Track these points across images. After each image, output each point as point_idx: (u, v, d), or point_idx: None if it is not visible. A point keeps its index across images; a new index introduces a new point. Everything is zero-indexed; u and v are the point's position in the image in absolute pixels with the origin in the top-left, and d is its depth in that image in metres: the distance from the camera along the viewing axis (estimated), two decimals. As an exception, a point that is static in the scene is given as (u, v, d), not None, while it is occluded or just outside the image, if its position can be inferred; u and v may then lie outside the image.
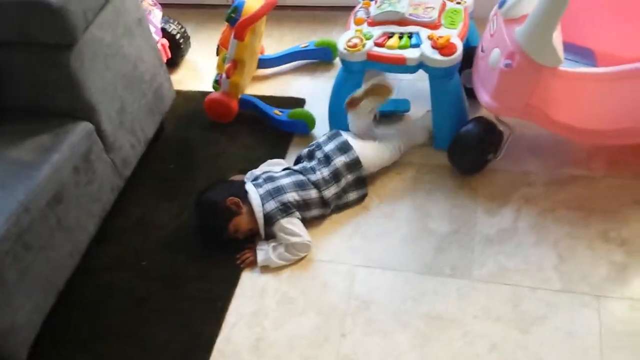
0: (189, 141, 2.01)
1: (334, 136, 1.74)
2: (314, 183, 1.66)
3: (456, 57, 1.63)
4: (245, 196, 1.64)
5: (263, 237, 1.65)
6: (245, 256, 1.63)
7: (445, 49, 1.62)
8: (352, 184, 1.70)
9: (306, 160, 1.74)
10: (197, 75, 2.30)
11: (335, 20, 2.38)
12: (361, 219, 1.69)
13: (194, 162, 1.94)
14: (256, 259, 1.61)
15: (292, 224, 1.60)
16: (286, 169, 1.74)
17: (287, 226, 1.60)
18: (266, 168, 1.78)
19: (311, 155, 1.74)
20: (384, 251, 1.60)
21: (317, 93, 2.07)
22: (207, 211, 1.65)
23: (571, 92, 1.52)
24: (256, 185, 1.67)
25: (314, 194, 1.65)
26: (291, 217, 1.61)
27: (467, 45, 1.74)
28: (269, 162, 1.83)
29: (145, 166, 1.87)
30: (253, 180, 1.71)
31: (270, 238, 1.65)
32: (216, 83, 2.05)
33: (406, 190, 1.74)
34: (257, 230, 1.64)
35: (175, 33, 2.25)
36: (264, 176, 1.71)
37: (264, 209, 1.61)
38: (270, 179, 1.68)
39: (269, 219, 1.61)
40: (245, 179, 1.74)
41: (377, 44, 1.70)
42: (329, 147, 1.71)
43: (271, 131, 1.97)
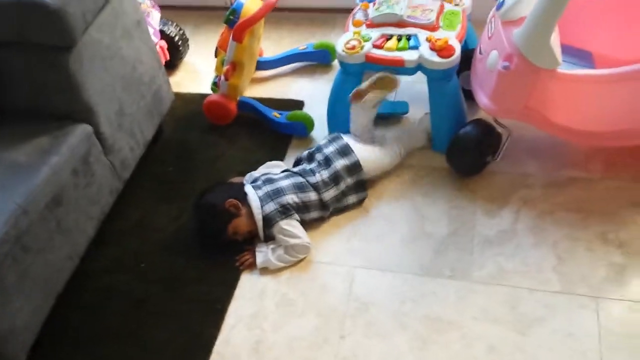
0: (188, 143, 2.01)
1: (334, 139, 1.74)
2: (313, 185, 1.66)
3: (454, 59, 1.63)
4: (245, 198, 1.64)
5: (262, 239, 1.65)
6: (245, 258, 1.63)
7: (444, 51, 1.62)
8: (352, 187, 1.70)
9: (306, 163, 1.74)
10: (196, 77, 2.30)
11: (334, 23, 2.39)
12: (360, 220, 1.69)
13: (192, 165, 1.93)
14: (255, 261, 1.61)
15: (291, 226, 1.60)
16: (285, 171, 1.74)
17: (287, 228, 1.60)
18: (265, 170, 1.78)
19: (311, 157, 1.74)
20: (383, 253, 1.60)
21: (315, 95, 2.07)
22: (206, 213, 1.65)
23: (569, 94, 1.52)
24: (255, 188, 1.67)
25: (313, 196, 1.65)
26: (290, 219, 1.61)
27: (466, 48, 1.75)
28: (267, 164, 1.83)
29: (144, 169, 1.87)
30: (252, 183, 1.71)
31: (270, 240, 1.64)
32: (215, 85, 2.04)
33: (405, 192, 1.74)
34: (256, 232, 1.64)
35: (173, 35, 2.25)
36: (263, 178, 1.71)
37: (263, 211, 1.61)
38: (269, 181, 1.68)
39: (268, 221, 1.61)
40: (244, 181, 1.74)
41: (375, 46, 1.70)
42: (329, 149, 1.71)
43: (270, 133, 1.98)
